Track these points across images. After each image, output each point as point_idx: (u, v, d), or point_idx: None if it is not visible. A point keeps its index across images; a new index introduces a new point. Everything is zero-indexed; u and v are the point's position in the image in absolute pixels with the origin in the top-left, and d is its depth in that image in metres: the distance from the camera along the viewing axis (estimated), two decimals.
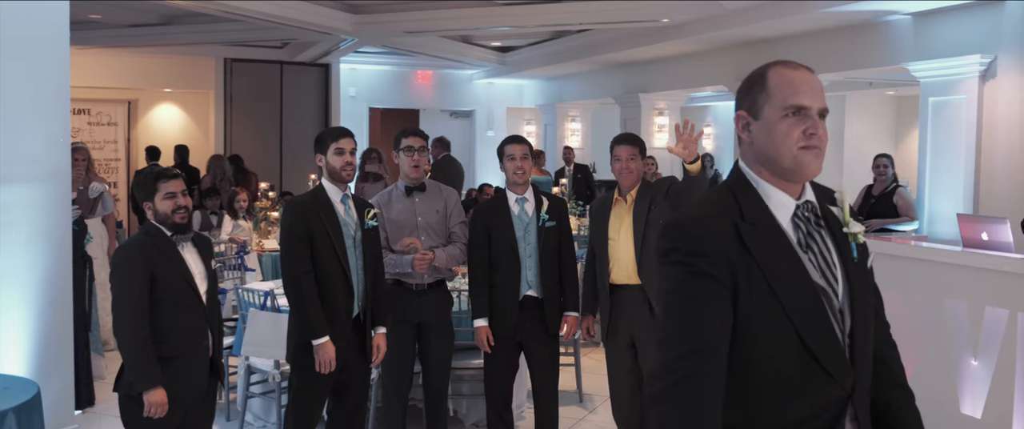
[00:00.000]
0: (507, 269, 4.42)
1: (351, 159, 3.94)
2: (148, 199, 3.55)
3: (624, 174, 4.44)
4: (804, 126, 1.84)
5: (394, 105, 14.79)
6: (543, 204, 4.46)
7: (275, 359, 4.95)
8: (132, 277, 3.40)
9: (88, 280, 5.95)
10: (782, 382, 1.80)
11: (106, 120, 13.25)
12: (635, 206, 4.40)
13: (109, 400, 5.98)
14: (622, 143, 4.48)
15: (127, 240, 3.63)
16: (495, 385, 4.51)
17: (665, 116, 11.85)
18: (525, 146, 4.48)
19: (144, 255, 3.45)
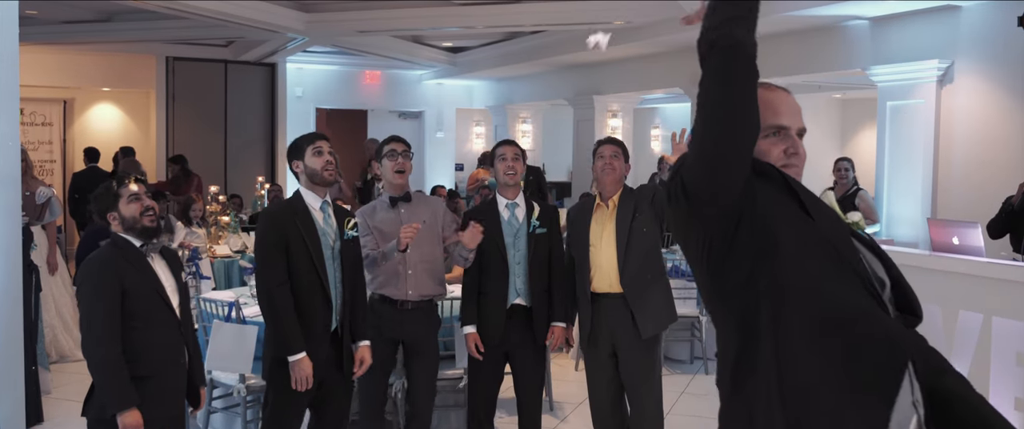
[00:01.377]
0: (496, 276, 4.30)
1: (331, 158, 3.77)
2: (110, 209, 3.36)
3: (607, 172, 4.32)
4: (784, 145, 1.95)
5: (341, 105, 14.52)
6: (534, 210, 4.35)
7: (240, 373, 4.74)
8: (102, 292, 3.21)
9: (35, 290, 5.65)
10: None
11: (40, 120, 12.76)
12: (618, 212, 4.30)
13: (57, 416, 5.68)
14: (606, 143, 4.39)
15: (94, 253, 3.41)
16: (478, 395, 4.39)
17: (619, 118, 11.83)
18: (516, 148, 4.40)
19: (114, 268, 3.25)
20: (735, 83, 1.79)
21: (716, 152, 1.81)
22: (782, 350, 1.75)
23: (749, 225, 1.81)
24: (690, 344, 7.10)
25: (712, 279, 1.90)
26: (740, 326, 1.84)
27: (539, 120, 14.47)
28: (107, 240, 3.45)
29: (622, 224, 4.26)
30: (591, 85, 11.72)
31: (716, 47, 1.81)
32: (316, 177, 3.76)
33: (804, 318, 1.75)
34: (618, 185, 4.34)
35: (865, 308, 1.76)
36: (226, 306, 4.84)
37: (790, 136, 1.95)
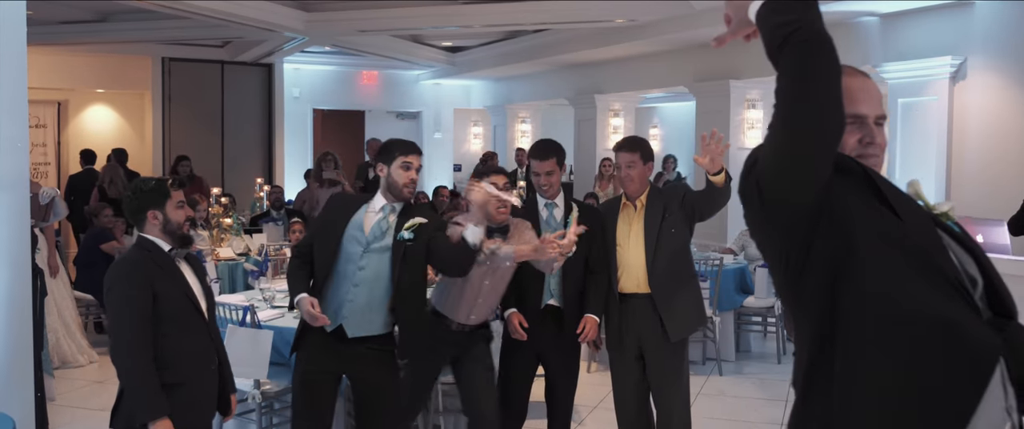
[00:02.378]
0: (531, 275, 4.21)
1: (415, 176, 3.80)
2: (156, 207, 3.25)
3: (626, 182, 4.25)
4: (860, 134, 1.82)
5: (339, 106, 14.41)
6: (573, 211, 4.24)
7: (255, 379, 4.63)
8: (133, 296, 3.11)
9: (40, 295, 5.52)
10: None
11: (34, 122, 12.59)
12: (646, 212, 4.21)
13: (62, 424, 5.56)
14: (620, 149, 4.30)
15: (122, 256, 3.32)
16: (509, 396, 4.29)
17: (620, 117, 11.76)
18: (548, 162, 4.25)
19: (143, 271, 3.15)
20: (817, 78, 1.70)
21: (796, 151, 1.72)
22: (856, 358, 1.68)
23: (826, 228, 1.73)
24: (703, 345, 7.02)
25: (788, 284, 1.82)
26: (815, 331, 1.76)
27: (538, 120, 14.39)
28: (134, 243, 3.34)
29: (651, 224, 4.18)
30: (593, 84, 11.64)
31: (791, 41, 1.71)
32: (394, 189, 3.78)
33: (880, 325, 1.67)
34: (643, 186, 4.25)
35: (948, 314, 1.66)
36: (240, 310, 4.73)
37: (867, 124, 1.85)
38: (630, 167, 4.21)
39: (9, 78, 4.22)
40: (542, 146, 4.30)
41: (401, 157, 3.73)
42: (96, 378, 6.71)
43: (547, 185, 4.24)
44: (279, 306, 5.21)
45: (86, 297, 7.69)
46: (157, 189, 3.29)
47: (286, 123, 13.12)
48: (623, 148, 4.29)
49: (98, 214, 7.99)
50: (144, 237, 3.29)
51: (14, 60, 4.25)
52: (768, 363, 7.29)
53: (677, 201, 4.17)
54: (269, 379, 4.73)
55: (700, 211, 4.14)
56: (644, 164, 4.23)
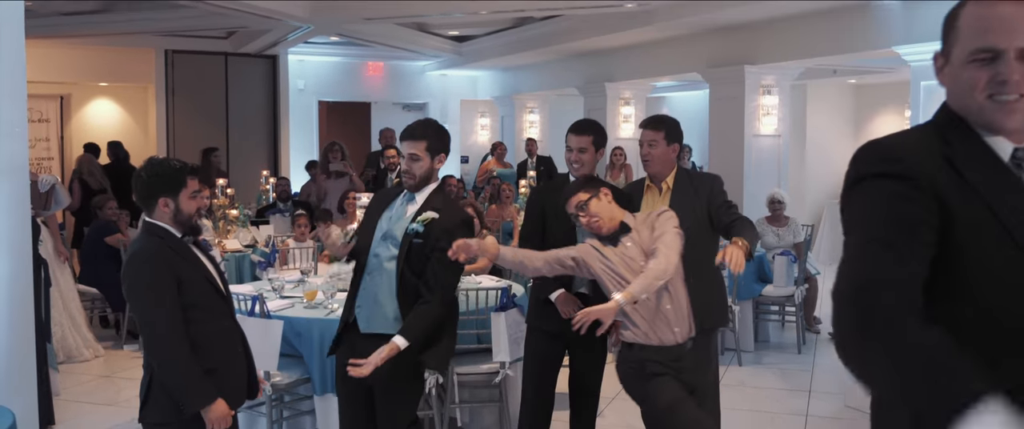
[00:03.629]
0: None
1: (403, 165, 3.67)
2: (170, 194, 3.09)
3: (648, 163, 4.08)
4: (990, 73, 1.55)
5: (344, 98, 14.24)
6: None
7: (264, 370, 4.47)
8: (158, 286, 2.99)
9: (44, 285, 5.37)
10: (1001, 338, 1.53)
11: (37, 116, 12.44)
12: (672, 196, 4.03)
13: (69, 419, 5.42)
14: (645, 127, 4.13)
15: (135, 248, 3.14)
16: (534, 384, 4.13)
17: (631, 106, 11.57)
18: (584, 138, 4.04)
19: (165, 258, 3.03)
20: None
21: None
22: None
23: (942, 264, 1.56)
24: (721, 335, 6.83)
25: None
26: None
27: (546, 110, 14.21)
28: (141, 230, 3.20)
29: (677, 204, 3.99)
30: (602, 72, 11.46)
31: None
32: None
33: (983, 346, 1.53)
34: (668, 167, 4.07)
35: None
36: (249, 300, 4.58)
37: (1004, 60, 1.54)
38: (652, 146, 4.04)
39: (7, 63, 4.06)
40: (581, 122, 4.16)
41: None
42: (102, 372, 6.57)
43: (578, 163, 4.03)
44: (288, 296, 5.05)
45: (90, 291, 7.55)
46: (173, 177, 3.13)
47: (291, 115, 12.95)
48: (648, 125, 4.11)
49: (102, 206, 7.84)
50: (153, 223, 3.14)
51: (12, 44, 4.09)
52: (788, 353, 7.12)
53: (705, 193, 3.99)
54: (279, 371, 4.58)
55: (716, 224, 3.96)
56: (668, 144, 4.05)
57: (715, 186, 4.04)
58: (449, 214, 3.58)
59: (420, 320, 3.47)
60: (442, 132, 3.66)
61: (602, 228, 3.48)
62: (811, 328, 7.66)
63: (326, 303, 4.87)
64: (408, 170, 3.61)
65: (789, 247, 7.45)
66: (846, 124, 13.12)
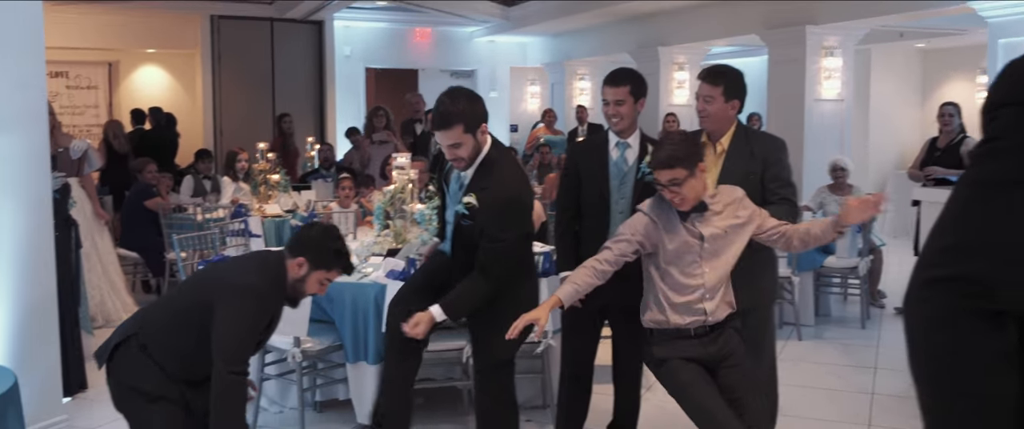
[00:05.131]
0: (593, 223, 3.77)
1: (447, 155, 3.41)
2: (313, 263, 3.06)
3: (702, 119, 3.73)
4: None
5: (391, 65, 14.02)
6: (648, 153, 3.75)
7: (294, 337, 4.27)
8: (256, 323, 3.04)
9: (74, 247, 5.23)
10: None
11: (86, 83, 12.45)
12: (726, 159, 3.69)
13: (102, 384, 5.24)
14: (702, 80, 3.77)
15: (261, 275, 3.07)
16: (572, 355, 3.87)
17: (685, 71, 11.14)
18: (620, 90, 3.70)
19: (273, 302, 3.12)
20: None
21: None
22: None
23: None
24: (779, 307, 6.46)
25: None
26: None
27: (598, 76, 13.80)
28: (273, 262, 3.13)
29: (731, 168, 3.66)
30: (655, 36, 11.04)
31: None
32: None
33: None
34: (725, 124, 3.71)
35: None
36: None
37: None
38: (708, 101, 3.68)
39: (25, 14, 3.86)
40: (616, 72, 3.79)
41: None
42: None
43: (615, 116, 3.72)
44: None
45: (131, 255, 7.46)
46: (325, 254, 3.09)
47: (338, 82, 12.77)
48: (705, 78, 3.73)
49: (141, 170, 7.73)
50: (279, 268, 3.10)
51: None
52: (850, 328, 6.73)
53: (762, 158, 3.64)
54: (310, 337, 4.37)
55: (768, 192, 3.61)
56: (727, 100, 3.67)
57: (774, 154, 3.68)
58: (495, 193, 3.32)
59: (464, 295, 3.36)
60: (471, 104, 3.33)
61: (684, 205, 3.15)
62: (875, 302, 7.25)
63: (359, 267, 4.64)
64: (454, 158, 3.37)
65: None
66: (912, 91, 12.52)
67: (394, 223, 5.05)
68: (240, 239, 6.05)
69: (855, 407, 4.92)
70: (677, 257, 3.18)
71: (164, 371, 2.97)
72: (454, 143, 3.29)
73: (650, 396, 4.81)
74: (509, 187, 3.38)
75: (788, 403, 4.09)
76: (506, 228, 3.36)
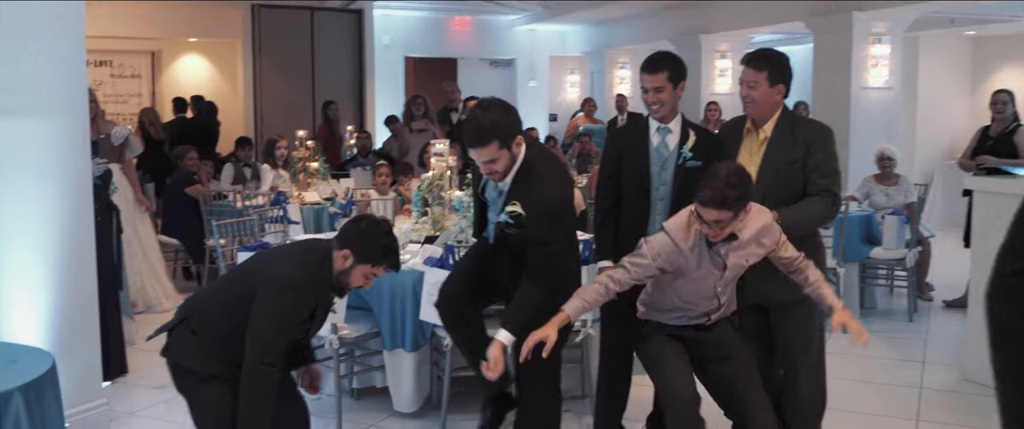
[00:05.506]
0: (634, 210, 3.69)
1: (483, 169, 3.32)
2: (361, 259, 3.01)
3: (746, 105, 3.62)
4: None
5: (430, 54, 14.00)
6: (689, 139, 3.65)
7: (332, 323, 4.24)
8: (293, 316, 2.99)
9: (116, 232, 5.26)
10: None
11: (129, 72, 12.58)
12: (770, 142, 3.58)
13: (142, 369, 5.31)
14: (747, 64, 3.65)
15: (303, 263, 3.03)
16: (611, 350, 3.79)
17: (727, 59, 10.98)
18: (658, 77, 3.60)
19: (314, 292, 3.05)
20: None
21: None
22: None
23: None
24: None
25: None
26: None
27: (638, 65, 13.63)
28: (318, 253, 3.09)
29: (772, 155, 3.55)
30: (697, 23, 10.88)
31: None
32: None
33: None
34: (770, 110, 3.59)
35: None
36: None
37: None
38: (752, 86, 3.56)
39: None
40: (653, 57, 3.68)
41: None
42: None
43: (655, 103, 3.63)
44: None
45: (172, 242, 7.51)
46: (374, 248, 3.03)
47: (378, 72, 12.78)
48: (749, 63, 3.60)
49: (183, 157, 7.78)
50: (326, 258, 3.06)
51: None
52: (897, 321, 6.57)
53: (804, 143, 3.52)
54: (347, 324, 4.34)
55: (809, 182, 3.51)
56: (771, 85, 3.55)
57: (817, 141, 3.54)
58: (538, 198, 3.22)
59: (521, 310, 3.26)
60: (505, 116, 3.19)
61: (716, 238, 3.04)
62: (923, 295, 7.07)
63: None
64: (490, 172, 3.27)
65: (900, 207, 6.87)
66: (962, 80, 12.21)
67: (432, 210, 5.02)
68: (279, 226, 6.06)
69: (903, 401, 4.78)
70: (695, 282, 3.13)
71: (212, 354, 2.99)
72: (490, 159, 3.20)
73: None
74: (552, 190, 3.29)
75: (835, 396, 3.97)
76: (554, 231, 3.28)
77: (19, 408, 2.48)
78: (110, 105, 11.83)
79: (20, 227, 3.69)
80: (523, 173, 3.26)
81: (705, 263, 3.09)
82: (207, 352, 2.99)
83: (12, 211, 3.66)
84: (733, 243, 3.08)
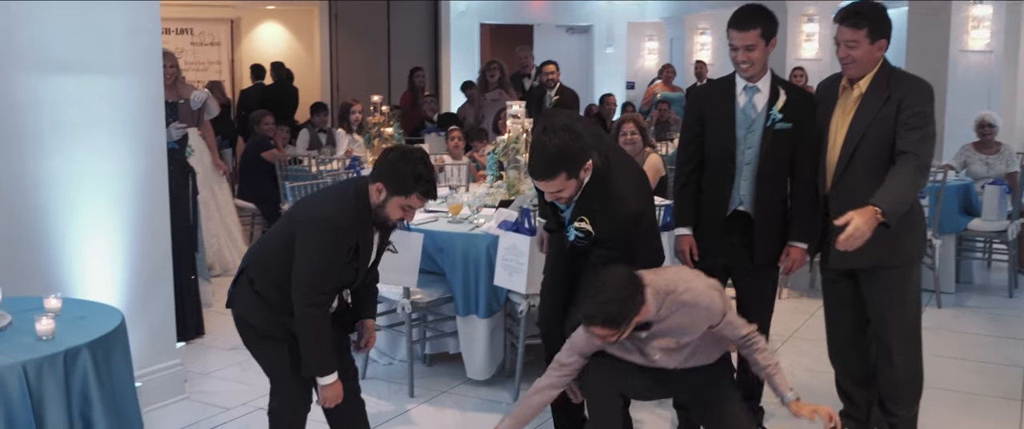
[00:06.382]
0: (717, 175, 3.49)
1: (547, 197, 3.14)
2: (394, 190, 2.86)
3: (845, 65, 3.34)
4: None
5: (506, 20, 13.80)
6: (779, 99, 3.43)
7: (404, 287, 4.16)
8: (335, 254, 2.88)
9: (192, 194, 5.27)
10: None
11: (209, 40, 12.70)
12: (864, 98, 3.33)
13: (218, 331, 5.33)
14: (842, 22, 3.33)
15: (342, 202, 2.93)
16: None
17: (815, 23, 10.55)
18: (750, 34, 3.34)
19: (355, 231, 2.92)
20: None
21: None
22: None
23: None
24: None
25: None
26: None
27: (719, 31, 13.23)
28: (355, 189, 2.97)
29: (864, 111, 3.30)
30: None
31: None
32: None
33: None
34: (868, 66, 3.32)
35: None
36: None
37: None
38: (851, 46, 3.27)
39: None
40: (743, 12, 3.40)
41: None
42: None
43: (745, 62, 3.39)
44: (432, 210, 4.70)
45: (248, 206, 7.56)
46: (403, 179, 2.86)
47: (453, 39, 12.68)
48: (845, 21, 3.29)
49: (259, 122, 7.80)
50: (364, 193, 2.95)
51: None
52: (996, 296, 6.21)
53: (897, 99, 3.24)
54: (420, 288, 4.25)
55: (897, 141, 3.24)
56: (872, 42, 3.27)
57: (910, 97, 3.23)
58: (607, 213, 3.01)
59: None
60: (573, 140, 2.90)
61: (614, 340, 2.90)
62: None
63: (471, 218, 4.50)
64: (557, 199, 3.05)
65: (1001, 176, 6.48)
66: None
67: (507, 174, 4.89)
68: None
69: (1006, 381, 4.50)
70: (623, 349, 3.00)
71: (268, 304, 2.95)
72: (557, 190, 2.98)
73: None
74: (625, 205, 3.02)
75: (932, 374, 3.72)
76: (629, 239, 3.07)
77: (87, 364, 2.44)
78: (190, 73, 11.97)
79: (94, 185, 3.67)
80: (594, 184, 3.01)
81: (634, 352, 2.98)
82: (264, 303, 2.96)
83: (86, 169, 3.64)
84: (643, 334, 2.92)
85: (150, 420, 3.91)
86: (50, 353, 2.39)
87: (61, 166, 3.56)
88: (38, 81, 3.48)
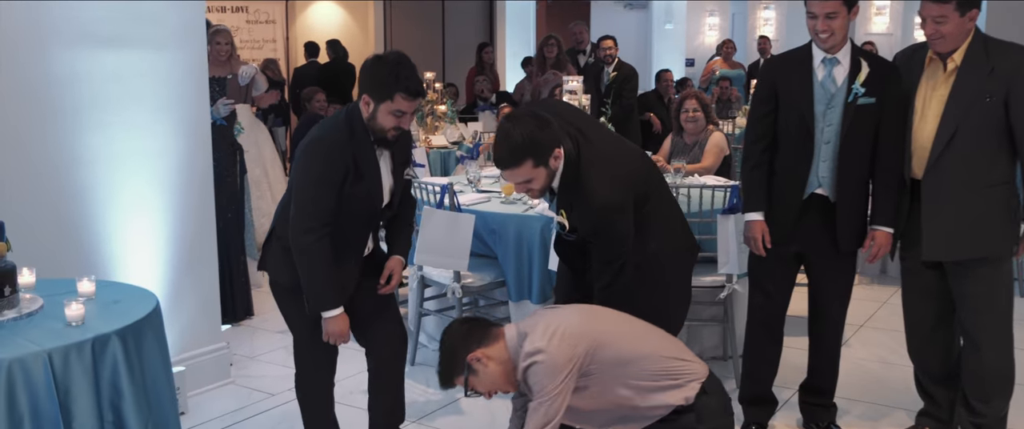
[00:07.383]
0: (794, 154, 3.23)
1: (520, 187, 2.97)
2: (377, 97, 2.74)
3: (938, 41, 3.05)
4: None
5: None
6: (861, 71, 3.16)
7: (455, 271, 3.99)
8: (327, 178, 2.78)
9: (239, 173, 5.16)
10: None
11: (264, 18, 12.68)
12: (961, 71, 3.03)
13: (268, 312, 5.23)
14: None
15: (329, 131, 2.85)
16: (762, 306, 3.39)
17: None
18: (832, 2, 3.07)
19: (348, 153, 2.81)
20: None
21: None
22: None
23: None
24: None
25: None
26: None
27: (784, 6, 12.84)
28: (346, 109, 2.89)
29: (963, 86, 3.01)
30: None
31: None
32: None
33: None
34: (960, 39, 3.02)
35: None
36: (437, 191, 4.07)
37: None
38: (939, 22, 2.96)
39: None
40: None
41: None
42: None
43: (825, 32, 3.12)
44: (484, 190, 4.52)
45: None
46: (381, 84, 2.73)
47: (508, 14, 12.47)
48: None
49: (311, 99, 7.70)
50: (357, 115, 2.84)
51: None
52: None
53: (1005, 75, 2.96)
54: (471, 272, 4.08)
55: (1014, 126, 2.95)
56: (962, 15, 2.96)
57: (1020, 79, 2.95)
58: (586, 208, 2.82)
59: (621, 301, 2.88)
60: (540, 128, 2.73)
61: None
62: None
63: (525, 198, 4.30)
64: (527, 191, 2.88)
65: None
66: None
67: None
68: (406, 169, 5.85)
69: None
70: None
71: (291, 257, 2.87)
72: (525, 179, 2.78)
73: (849, 353, 4.24)
74: (595, 193, 2.80)
75: (1022, 371, 3.44)
76: (612, 233, 2.85)
77: (117, 352, 2.31)
78: (245, 51, 11.97)
79: (135, 163, 3.56)
80: (568, 177, 2.82)
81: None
82: (289, 256, 2.87)
83: (127, 147, 3.53)
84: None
85: (193, 405, 3.82)
86: (78, 340, 2.26)
87: (101, 144, 3.45)
88: (76, 55, 3.36)
